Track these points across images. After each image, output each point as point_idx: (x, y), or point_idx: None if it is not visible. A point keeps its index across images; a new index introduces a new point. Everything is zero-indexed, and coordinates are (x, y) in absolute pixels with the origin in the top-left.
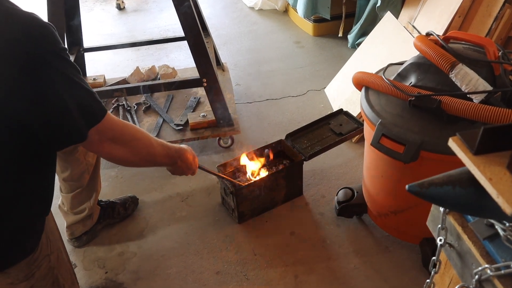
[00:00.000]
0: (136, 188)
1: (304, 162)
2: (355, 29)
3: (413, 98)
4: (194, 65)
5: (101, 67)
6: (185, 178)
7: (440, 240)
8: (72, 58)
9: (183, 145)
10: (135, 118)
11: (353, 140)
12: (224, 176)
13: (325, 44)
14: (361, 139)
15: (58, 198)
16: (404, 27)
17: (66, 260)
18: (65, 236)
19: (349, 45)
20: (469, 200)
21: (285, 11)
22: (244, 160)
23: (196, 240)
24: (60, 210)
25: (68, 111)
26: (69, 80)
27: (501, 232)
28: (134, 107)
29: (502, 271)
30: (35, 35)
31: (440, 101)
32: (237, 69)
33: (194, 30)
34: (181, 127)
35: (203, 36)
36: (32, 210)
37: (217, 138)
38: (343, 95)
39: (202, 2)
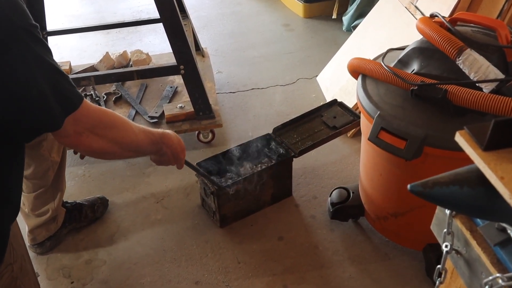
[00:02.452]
0: (105, 188)
1: (294, 159)
2: (351, 10)
3: (416, 88)
4: (170, 50)
5: (66, 53)
6: (160, 177)
7: (446, 246)
8: None
9: (167, 130)
10: None
11: (348, 135)
12: (208, 176)
13: (317, 27)
14: (358, 133)
15: None
16: (405, 8)
17: (30, 269)
18: (26, 242)
19: (344, 28)
20: (478, 202)
21: None
22: None
23: (173, 246)
24: (20, 212)
25: (43, 95)
26: (42, 61)
27: None
28: (104, 97)
29: None
30: (1, 7)
31: (446, 91)
32: (218, 55)
33: (171, 11)
34: (156, 120)
35: (180, 18)
36: (1, 214)
37: (196, 132)
38: (337, 84)
39: None
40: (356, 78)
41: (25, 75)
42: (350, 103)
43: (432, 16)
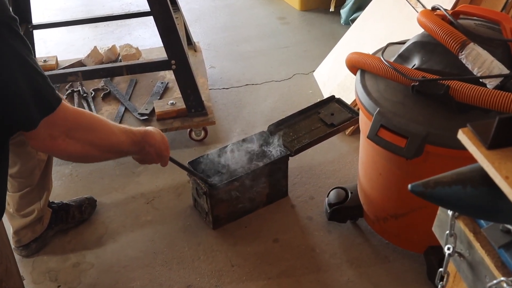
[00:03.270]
0: (93, 188)
1: (290, 157)
2: (349, 2)
3: (417, 83)
4: (161, 44)
5: (52, 47)
6: (150, 177)
7: (448, 248)
8: None
9: (149, 127)
10: (93, 107)
11: (346, 132)
12: (195, 172)
13: (314, 20)
14: (356, 131)
15: None
16: (406, 0)
17: (15, 271)
18: (11, 244)
19: (342, 21)
20: (482, 202)
21: None
22: None
23: (163, 249)
24: (5, 213)
25: (20, 93)
26: (21, 59)
27: None
28: (91, 93)
29: None
30: None
31: (448, 87)
32: (211, 50)
33: (161, 4)
34: (146, 117)
35: (171, 11)
36: None
37: (188, 129)
38: (335, 79)
39: None
40: (355, 74)
41: (3, 71)
42: (348, 100)
43: (434, 9)
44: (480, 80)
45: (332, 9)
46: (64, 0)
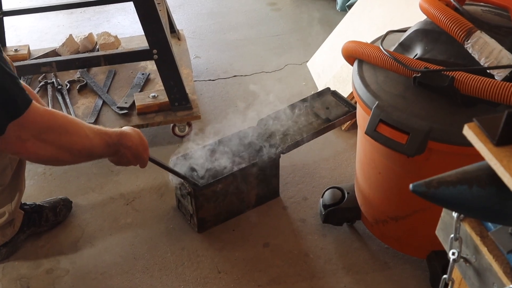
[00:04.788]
0: (68, 188)
1: (281, 155)
2: None
3: (419, 75)
4: (142, 32)
5: (24, 36)
6: (130, 176)
7: (453, 253)
8: None
9: (126, 128)
10: (68, 100)
11: (343, 128)
12: (179, 173)
13: (307, 6)
14: (353, 126)
15: None
16: None
17: None
18: None
19: (338, 7)
20: (490, 203)
21: None
22: None
23: (144, 254)
24: None
25: None
26: None
27: None
28: (66, 85)
29: None
30: None
31: (453, 78)
32: (196, 38)
33: None
34: (125, 111)
35: None
36: None
37: (171, 124)
38: (330, 70)
39: None
40: (352, 64)
41: None
42: (344, 92)
43: None
44: (488, 71)
45: None
46: None
